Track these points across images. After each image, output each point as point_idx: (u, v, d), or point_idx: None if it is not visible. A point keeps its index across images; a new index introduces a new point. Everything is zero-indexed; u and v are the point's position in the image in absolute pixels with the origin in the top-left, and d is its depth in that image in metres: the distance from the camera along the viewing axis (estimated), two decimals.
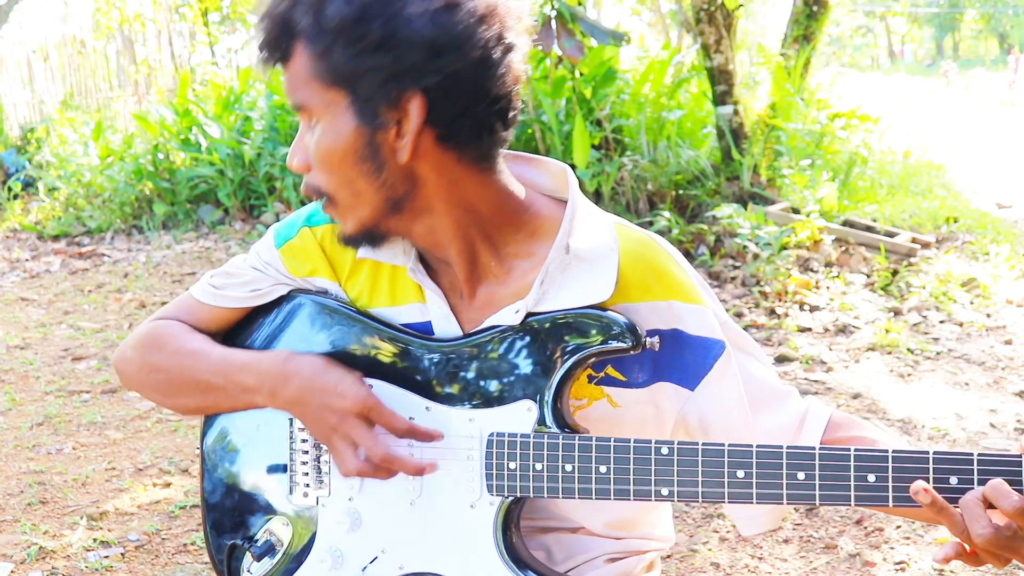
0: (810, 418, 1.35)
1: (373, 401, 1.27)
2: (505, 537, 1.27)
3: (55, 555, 2.94)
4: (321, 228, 1.40)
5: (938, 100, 22.97)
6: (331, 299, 1.40)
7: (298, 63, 1.22)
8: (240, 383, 1.35)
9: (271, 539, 1.39)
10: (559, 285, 1.26)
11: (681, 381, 1.31)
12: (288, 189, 8.09)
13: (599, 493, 1.22)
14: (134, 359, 1.47)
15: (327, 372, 1.30)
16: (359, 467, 1.26)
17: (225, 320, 1.47)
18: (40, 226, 8.91)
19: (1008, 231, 7.08)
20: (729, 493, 1.17)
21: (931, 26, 54.03)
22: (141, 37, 14.66)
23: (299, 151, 1.28)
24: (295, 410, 1.32)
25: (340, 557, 1.34)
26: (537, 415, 1.26)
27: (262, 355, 1.37)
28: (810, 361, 4.47)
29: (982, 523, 1.08)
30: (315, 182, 1.28)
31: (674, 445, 1.19)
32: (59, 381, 4.63)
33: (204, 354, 1.40)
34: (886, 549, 2.86)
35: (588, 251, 1.27)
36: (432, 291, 1.33)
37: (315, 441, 1.36)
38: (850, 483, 1.13)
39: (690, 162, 6.85)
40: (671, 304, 1.30)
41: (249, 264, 1.45)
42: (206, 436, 1.49)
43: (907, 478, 1.12)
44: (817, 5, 7.65)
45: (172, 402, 1.46)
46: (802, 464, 1.15)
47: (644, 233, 1.36)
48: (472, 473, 1.27)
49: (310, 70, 1.21)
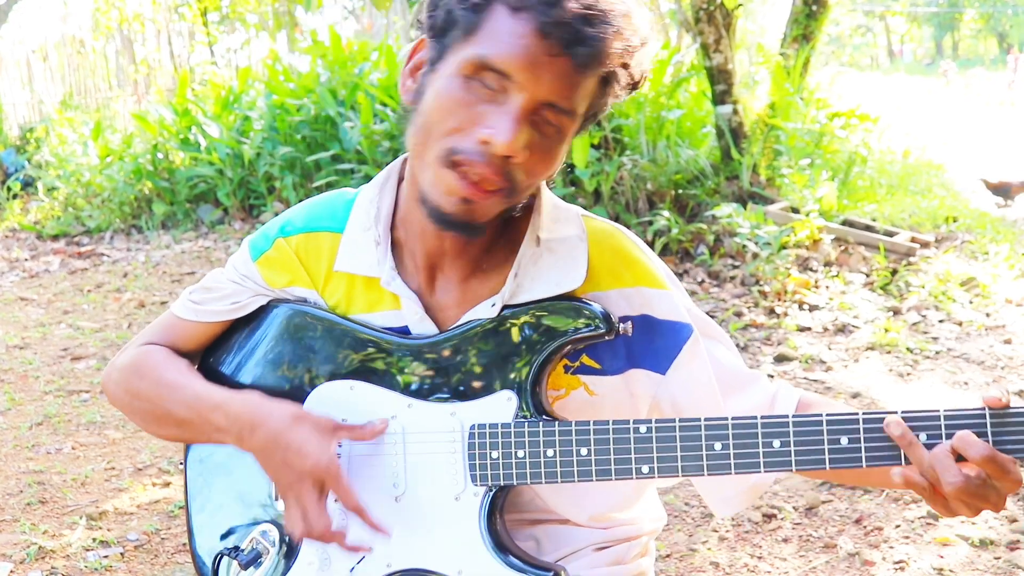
0: (780, 398, 1.38)
1: (333, 471, 1.27)
2: (490, 527, 1.28)
3: (54, 555, 2.94)
4: (295, 238, 1.41)
5: (937, 100, 22.99)
6: (309, 305, 1.41)
7: (592, 82, 1.22)
8: (212, 422, 1.36)
9: (257, 547, 1.39)
10: (532, 277, 1.30)
11: (653, 367, 1.34)
12: (287, 189, 8.08)
13: (581, 475, 1.25)
14: (120, 383, 1.48)
15: (294, 429, 1.29)
16: (301, 533, 1.29)
17: (207, 335, 1.48)
18: (39, 226, 8.91)
19: (1007, 230, 7.08)
20: (708, 466, 1.21)
21: (930, 25, 54.04)
22: (140, 37, 14.65)
23: (525, 140, 1.19)
24: (259, 458, 1.32)
25: (327, 559, 1.34)
26: (517, 404, 1.28)
27: (233, 397, 1.36)
28: (809, 360, 4.47)
29: (952, 471, 1.11)
30: (517, 174, 1.22)
31: (652, 423, 1.23)
32: (58, 381, 4.63)
33: (180, 388, 1.40)
34: (885, 548, 2.86)
35: (558, 242, 1.32)
36: (408, 298, 1.34)
37: None
38: (824, 447, 1.17)
39: (689, 162, 6.85)
40: (640, 290, 1.34)
41: (227, 277, 1.46)
42: (190, 448, 1.50)
43: (878, 439, 1.16)
44: (816, 4, 7.64)
45: (152, 430, 1.47)
46: (777, 432, 1.19)
47: (609, 223, 1.40)
48: (455, 466, 1.29)
49: (591, 93, 1.24)
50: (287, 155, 8.21)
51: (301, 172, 8.26)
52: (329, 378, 1.37)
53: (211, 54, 15.26)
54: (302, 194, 8.09)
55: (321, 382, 1.37)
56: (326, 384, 1.36)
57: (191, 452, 1.50)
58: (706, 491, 1.41)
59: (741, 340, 4.73)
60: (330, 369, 1.37)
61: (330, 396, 1.35)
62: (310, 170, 8.16)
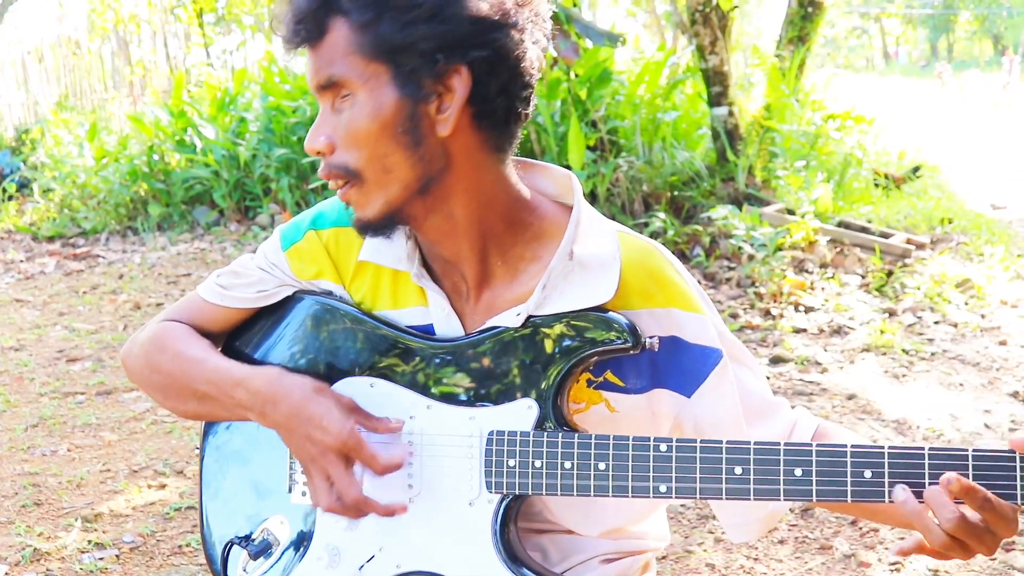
0: (799, 428, 1.37)
1: (355, 440, 1.26)
2: (503, 535, 1.27)
3: (50, 557, 2.94)
4: (327, 232, 1.41)
5: (933, 101, 23.03)
6: (335, 299, 1.40)
7: (336, 37, 1.20)
8: (234, 398, 1.35)
9: (268, 538, 1.39)
10: (561, 291, 1.27)
11: (678, 388, 1.31)
12: (283, 190, 8.09)
13: (598, 490, 1.23)
14: (140, 356, 1.47)
15: (314, 401, 1.28)
16: (330, 505, 1.27)
17: (231, 319, 1.48)
18: (35, 227, 8.89)
19: (1002, 232, 7.09)
20: (727, 490, 1.18)
21: (925, 27, 54.15)
22: (136, 38, 14.64)
23: (322, 131, 1.25)
24: (281, 433, 1.32)
25: (337, 555, 1.34)
26: (538, 413, 1.26)
27: (255, 372, 1.36)
28: (805, 362, 4.47)
29: (949, 509, 1.10)
30: (341, 161, 1.24)
31: (672, 442, 1.20)
32: (54, 383, 4.62)
33: (202, 362, 1.40)
34: (881, 550, 2.86)
35: (591, 258, 1.28)
36: (436, 292, 1.33)
37: None
38: (847, 479, 1.14)
39: (685, 163, 6.86)
40: (670, 311, 1.30)
41: (256, 264, 1.46)
42: (207, 435, 1.50)
43: (902, 474, 1.13)
44: (812, 6, 7.67)
45: (171, 405, 1.46)
46: (799, 460, 1.16)
47: (646, 241, 1.36)
48: (471, 471, 1.28)
49: (352, 43, 1.20)
50: (283, 157, 8.21)
51: (297, 174, 8.26)
52: (350, 373, 1.36)
53: (207, 55, 15.24)
54: (298, 196, 8.10)
55: (341, 377, 1.36)
56: (346, 380, 1.36)
57: (208, 439, 1.49)
58: (723, 515, 1.39)
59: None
60: (351, 365, 1.36)
61: (350, 392, 1.34)
62: (306, 172, 8.16)
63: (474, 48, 1.18)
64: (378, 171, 1.23)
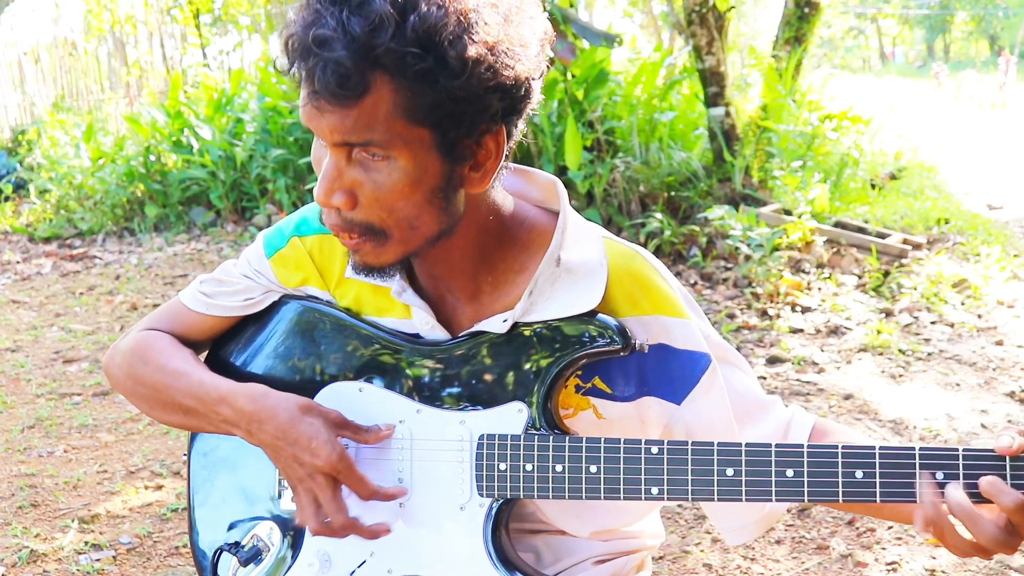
0: (794, 425, 1.36)
1: (344, 464, 1.25)
2: (494, 539, 1.26)
3: (46, 558, 2.93)
4: (310, 238, 1.39)
5: (929, 102, 23.05)
6: (321, 303, 1.40)
7: (378, 99, 1.08)
8: (220, 414, 1.33)
9: (258, 544, 1.38)
10: (547, 297, 1.26)
11: (667, 396, 1.30)
12: (280, 191, 8.08)
13: (589, 493, 1.22)
14: (122, 366, 1.45)
15: (301, 422, 1.26)
16: (317, 529, 1.26)
17: (216, 328, 1.46)
18: (31, 228, 8.88)
19: (999, 232, 7.10)
20: (719, 491, 1.18)
21: (922, 28, 54.21)
22: (132, 39, 14.62)
23: (339, 186, 1.15)
24: (268, 452, 1.30)
25: (328, 561, 1.33)
26: (528, 416, 1.26)
27: (238, 390, 1.32)
28: (802, 362, 4.47)
29: (986, 519, 1.09)
30: (364, 219, 1.17)
31: (664, 445, 1.20)
32: (50, 384, 4.61)
33: (185, 376, 1.37)
34: (878, 550, 2.86)
35: (579, 264, 1.27)
36: (420, 308, 1.32)
37: None
38: (838, 480, 1.14)
39: (682, 164, 6.86)
40: (658, 318, 1.29)
41: (240, 271, 1.44)
42: (194, 441, 1.49)
43: (894, 474, 1.13)
44: (808, 7, 7.67)
45: (157, 415, 1.44)
46: (791, 461, 1.16)
47: (631, 247, 1.35)
48: (462, 475, 1.27)
49: (397, 106, 1.09)
50: (280, 157, 8.20)
51: (294, 174, 8.25)
52: (338, 378, 1.35)
53: (203, 56, 15.24)
54: (294, 196, 8.09)
55: (329, 381, 1.35)
56: (334, 384, 1.35)
57: (195, 445, 1.48)
58: (717, 518, 1.38)
59: (734, 342, 4.74)
60: (339, 369, 1.35)
61: (338, 396, 1.33)
62: (303, 172, 8.15)
63: (518, 111, 1.17)
64: (405, 229, 1.18)
